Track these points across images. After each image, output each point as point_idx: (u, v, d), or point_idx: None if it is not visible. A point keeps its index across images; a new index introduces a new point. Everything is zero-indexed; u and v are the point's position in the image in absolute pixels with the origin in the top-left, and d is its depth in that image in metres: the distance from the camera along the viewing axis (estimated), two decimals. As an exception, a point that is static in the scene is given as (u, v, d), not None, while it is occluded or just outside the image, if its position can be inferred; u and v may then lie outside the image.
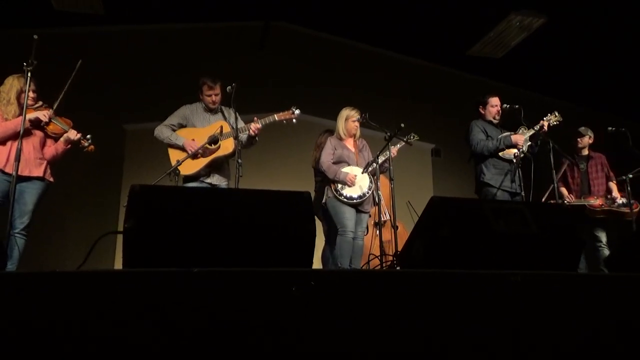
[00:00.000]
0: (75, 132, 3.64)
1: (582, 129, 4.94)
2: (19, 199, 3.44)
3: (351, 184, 4.06)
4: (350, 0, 6.28)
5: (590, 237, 4.66)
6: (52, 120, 3.61)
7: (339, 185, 4.08)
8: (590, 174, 4.83)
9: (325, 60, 7.18)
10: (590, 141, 4.94)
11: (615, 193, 4.71)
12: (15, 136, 3.44)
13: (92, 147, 3.66)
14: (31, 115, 3.42)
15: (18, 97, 3.53)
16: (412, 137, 4.44)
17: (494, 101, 4.45)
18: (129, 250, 1.93)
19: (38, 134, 3.62)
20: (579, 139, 4.93)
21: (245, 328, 1.58)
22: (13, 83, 3.56)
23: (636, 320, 1.92)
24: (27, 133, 3.47)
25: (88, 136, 3.67)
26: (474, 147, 4.33)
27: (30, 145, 3.53)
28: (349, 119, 4.26)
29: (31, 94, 3.54)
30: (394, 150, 4.18)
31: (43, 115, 3.52)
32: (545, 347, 1.81)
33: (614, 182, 4.82)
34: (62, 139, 3.63)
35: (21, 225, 3.44)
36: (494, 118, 4.42)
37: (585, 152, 4.94)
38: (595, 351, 1.86)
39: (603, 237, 4.68)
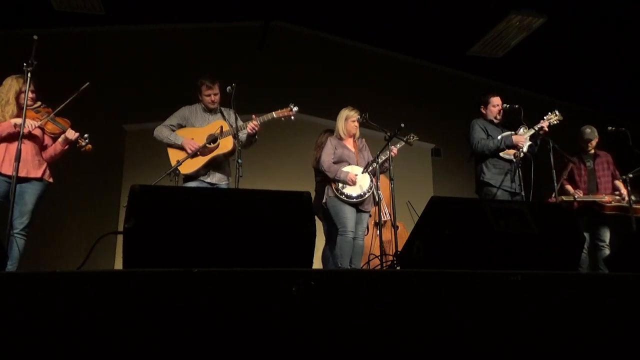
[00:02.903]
0: (73, 132, 3.63)
1: (588, 131, 4.87)
2: (18, 200, 3.43)
3: (352, 183, 4.07)
4: (351, 0, 6.28)
5: (593, 236, 4.65)
6: (50, 121, 3.60)
7: (340, 185, 4.08)
8: (597, 172, 4.80)
9: (325, 60, 7.19)
10: (596, 140, 4.92)
11: (623, 190, 4.69)
12: (7, 138, 3.46)
13: (89, 146, 3.65)
14: (18, 120, 3.39)
15: (17, 98, 3.53)
16: (411, 138, 4.44)
17: (495, 101, 4.45)
18: (129, 250, 1.93)
19: (36, 134, 3.62)
20: (589, 142, 4.86)
21: (245, 328, 1.58)
22: (12, 84, 3.56)
23: (637, 320, 1.92)
24: (25, 134, 3.47)
25: (85, 135, 3.64)
26: (474, 147, 4.33)
27: (28, 146, 3.52)
28: (348, 119, 4.26)
29: (30, 94, 3.52)
30: (394, 150, 4.18)
31: (30, 124, 3.48)
32: (546, 346, 1.81)
33: (620, 180, 4.78)
34: (60, 139, 3.62)
35: (21, 226, 3.44)
36: (495, 118, 4.42)
37: (592, 150, 4.92)
38: (595, 350, 1.85)
39: (606, 236, 4.66)
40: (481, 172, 4.30)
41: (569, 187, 4.75)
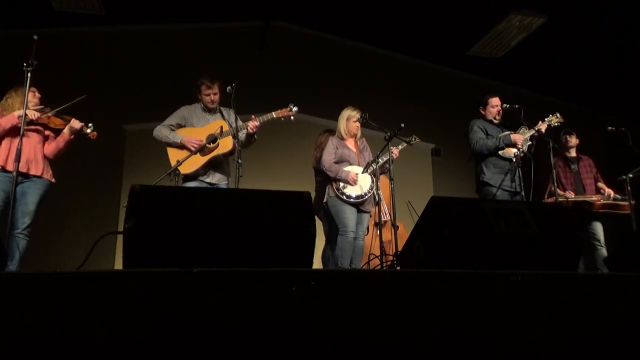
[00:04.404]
0: (77, 121, 3.72)
1: (568, 129, 5.00)
2: (20, 199, 3.45)
3: (353, 183, 4.07)
4: (350, 0, 6.28)
5: (587, 236, 4.68)
6: (54, 115, 3.67)
7: (341, 184, 4.08)
8: (581, 174, 4.91)
9: (325, 60, 7.18)
10: (577, 141, 5.03)
11: (608, 190, 4.78)
12: (10, 133, 3.49)
13: (94, 133, 3.75)
14: (20, 112, 3.43)
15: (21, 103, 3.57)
16: (414, 139, 4.45)
17: (494, 101, 4.45)
18: (129, 250, 1.93)
19: (38, 132, 3.65)
20: (567, 137, 5.01)
21: (245, 328, 1.58)
22: (15, 95, 3.64)
23: (636, 320, 1.92)
24: (27, 132, 3.48)
25: (90, 124, 3.75)
26: (473, 146, 4.34)
27: (30, 144, 3.55)
28: (350, 119, 4.26)
29: (36, 100, 3.65)
30: (395, 151, 4.18)
31: (33, 113, 3.55)
32: (546, 346, 1.81)
33: (602, 182, 4.92)
34: (65, 129, 3.69)
35: (23, 226, 3.45)
36: (495, 118, 4.43)
37: (574, 153, 5.03)
38: (595, 350, 1.86)
39: (601, 235, 4.71)
40: (481, 172, 4.30)
41: (558, 189, 4.78)
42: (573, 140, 5.00)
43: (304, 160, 4.90)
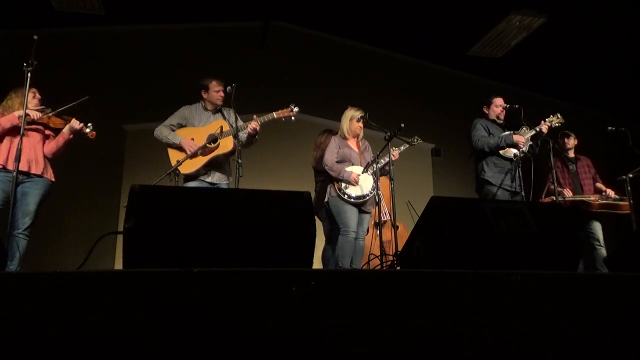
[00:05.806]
0: (77, 121, 3.74)
1: (566, 131, 5.02)
2: (21, 200, 3.45)
3: (355, 183, 4.07)
4: (351, 0, 6.28)
5: (586, 236, 4.68)
6: (55, 116, 3.68)
7: (342, 184, 4.08)
8: (579, 174, 4.90)
9: (325, 60, 7.18)
10: (576, 142, 5.03)
11: (608, 190, 4.79)
12: (9, 133, 3.51)
13: (93, 132, 3.77)
14: (20, 112, 3.44)
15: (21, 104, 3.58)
16: (415, 140, 4.45)
17: (498, 101, 4.47)
18: (129, 250, 1.93)
19: (38, 132, 3.66)
20: (565, 139, 5.02)
21: (245, 328, 1.58)
22: (15, 96, 3.65)
23: (636, 320, 1.92)
24: (27, 132, 3.49)
25: (89, 124, 3.77)
26: (474, 143, 4.34)
27: (30, 143, 3.57)
28: (353, 120, 4.26)
29: (36, 101, 3.66)
30: (395, 153, 4.18)
31: (34, 113, 3.58)
32: (545, 346, 1.81)
33: (600, 182, 4.92)
34: (65, 128, 3.71)
35: (23, 226, 3.45)
36: (498, 118, 4.44)
37: (572, 154, 5.04)
38: (595, 351, 1.86)
39: (600, 235, 4.71)
40: (482, 171, 4.31)
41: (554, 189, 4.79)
42: (571, 142, 5.00)
43: (304, 160, 4.90)
